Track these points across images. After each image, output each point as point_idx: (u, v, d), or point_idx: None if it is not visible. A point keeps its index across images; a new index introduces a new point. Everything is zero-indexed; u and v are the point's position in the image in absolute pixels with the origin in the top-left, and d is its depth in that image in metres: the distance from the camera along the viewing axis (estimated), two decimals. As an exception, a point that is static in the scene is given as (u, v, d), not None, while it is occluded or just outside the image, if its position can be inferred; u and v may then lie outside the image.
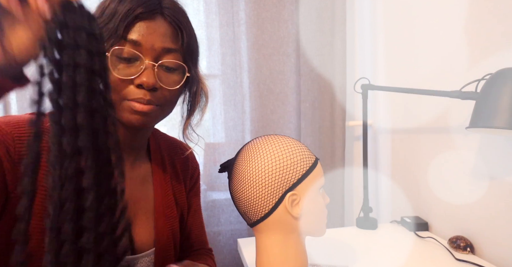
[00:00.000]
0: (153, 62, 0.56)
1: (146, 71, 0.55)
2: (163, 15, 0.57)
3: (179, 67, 0.60)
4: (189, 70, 0.61)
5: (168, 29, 0.57)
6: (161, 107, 0.59)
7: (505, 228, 0.85)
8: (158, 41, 0.56)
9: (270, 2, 1.31)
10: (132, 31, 0.55)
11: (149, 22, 0.56)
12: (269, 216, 0.61)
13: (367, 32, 1.41)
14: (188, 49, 0.60)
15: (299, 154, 0.61)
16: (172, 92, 0.60)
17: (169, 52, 0.57)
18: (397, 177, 1.28)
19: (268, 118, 1.37)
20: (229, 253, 1.39)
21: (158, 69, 0.57)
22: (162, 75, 0.58)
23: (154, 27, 0.56)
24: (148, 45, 0.55)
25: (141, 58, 0.56)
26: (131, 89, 0.56)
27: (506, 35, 0.82)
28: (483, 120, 0.71)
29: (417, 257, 0.92)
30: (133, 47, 0.55)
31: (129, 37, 0.55)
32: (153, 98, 0.57)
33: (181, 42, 0.59)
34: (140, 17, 0.55)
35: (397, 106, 1.26)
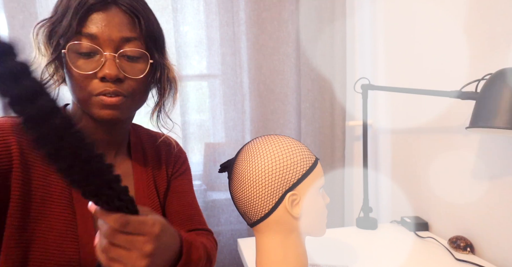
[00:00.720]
0: (113, 53, 0.55)
1: (107, 63, 0.54)
2: (117, 5, 0.56)
3: (142, 55, 0.59)
4: (152, 57, 0.60)
5: (124, 18, 0.56)
6: (130, 98, 0.58)
7: (505, 228, 0.85)
8: (115, 31, 0.55)
9: (270, 2, 1.31)
10: (87, 25, 0.54)
11: (103, 13, 0.55)
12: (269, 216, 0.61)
13: (367, 32, 1.41)
14: (149, 36, 0.59)
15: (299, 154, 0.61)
16: (139, 82, 0.59)
17: (128, 41, 0.56)
18: (397, 177, 1.28)
19: (268, 118, 1.37)
20: (229, 253, 1.39)
21: (120, 59, 0.56)
22: (125, 65, 0.57)
23: (109, 17, 0.55)
24: (105, 36, 0.54)
25: (100, 51, 0.55)
26: (95, 83, 0.55)
27: (506, 35, 0.82)
28: (483, 120, 0.71)
29: (417, 257, 0.92)
30: (90, 40, 0.54)
31: (84, 31, 0.54)
32: (120, 89, 0.56)
33: (140, 30, 0.58)
34: (93, 8, 0.54)
35: (397, 106, 1.26)
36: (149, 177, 0.71)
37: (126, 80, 0.57)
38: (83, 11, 0.53)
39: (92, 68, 0.55)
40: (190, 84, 1.33)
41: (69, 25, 0.53)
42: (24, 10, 1.13)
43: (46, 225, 0.55)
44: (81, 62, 0.55)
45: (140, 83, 0.59)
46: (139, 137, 0.74)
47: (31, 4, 1.13)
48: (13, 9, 1.13)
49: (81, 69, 0.54)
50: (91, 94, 0.55)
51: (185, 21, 1.28)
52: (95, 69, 0.55)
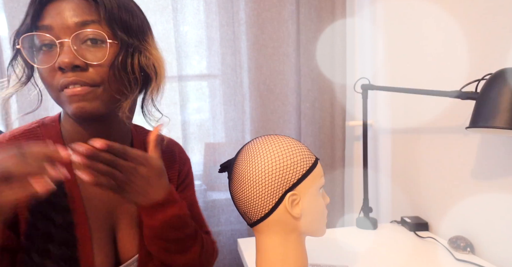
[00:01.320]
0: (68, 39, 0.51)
1: (63, 51, 0.50)
2: None
3: (104, 38, 0.52)
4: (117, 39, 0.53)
5: (80, 3, 0.52)
6: (99, 87, 0.53)
7: (505, 228, 0.85)
8: (68, 17, 0.51)
9: (270, 2, 1.31)
10: (43, 17, 0.51)
11: (57, 2, 0.52)
12: (269, 216, 0.61)
13: (367, 32, 1.41)
14: (113, 18, 0.53)
15: (299, 154, 0.61)
16: (104, 67, 0.52)
17: (85, 25, 0.51)
18: (397, 177, 1.28)
19: (268, 118, 1.37)
20: (229, 253, 1.39)
21: (79, 46, 0.51)
22: (85, 51, 0.52)
23: (62, 5, 0.51)
24: (59, 24, 0.50)
25: (53, 40, 0.51)
26: (58, 75, 0.51)
27: (506, 35, 0.82)
28: (483, 120, 0.71)
29: (417, 257, 0.92)
30: (46, 32, 0.51)
31: (40, 24, 0.51)
32: (82, 78, 0.51)
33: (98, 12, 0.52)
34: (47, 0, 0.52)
35: (397, 106, 1.26)
36: None
37: (90, 68, 0.52)
38: (37, 4, 0.51)
39: (51, 61, 0.51)
40: (190, 84, 1.33)
41: (24, 20, 0.51)
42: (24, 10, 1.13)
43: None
44: (42, 56, 0.52)
45: (106, 68, 0.53)
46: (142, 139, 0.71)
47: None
48: (13, 9, 1.13)
49: (40, 63, 0.51)
50: (56, 89, 0.52)
51: (185, 21, 1.28)
52: (53, 61, 0.51)
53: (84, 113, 0.52)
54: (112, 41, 0.53)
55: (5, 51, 1.15)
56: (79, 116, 0.53)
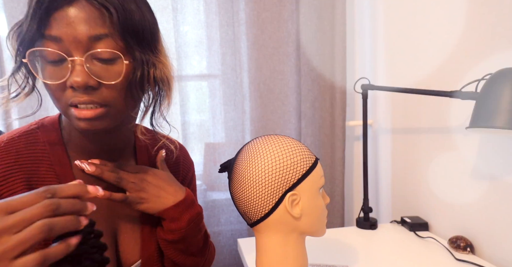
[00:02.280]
0: (81, 57, 0.46)
1: (76, 69, 0.46)
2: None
3: (118, 55, 0.49)
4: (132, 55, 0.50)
5: (92, 12, 0.46)
6: (110, 106, 0.50)
7: (505, 228, 0.85)
8: (80, 30, 0.45)
9: (270, 2, 1.31)
10: (49, 25, 0.45)
11: (66, 10, 0.46)
12: (269, 216, 0.61)
13: (367, 32, 1.41)
14: (126, 31, 0.48)
15: (299, 154, 0.61)
16: (117, 87, 0.49)
17: (98, 39, 0.47)
18: (397, 177, 1.28)
19: (268, 118, 1.37)
20: (229, 253, 1.39)
21: (91, 63, 0.48)
22: (98, 69, 0.48)
23: (73, 14, 0.45)
24: (70, 37, 0.45)
25: (64, 56, 0.46)
26: (68, 93, 0.48)
27: (506, 35, 0.82)
28: (483, 120, 0.71)
29: (417, 257, 0.92)
30: (54, 44, 0.46)
31: (47, 33, 0.46)
32: (94, 98, 0.48)
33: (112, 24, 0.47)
34: (55, 5, 0.45)
35: (397, 106, 1.26)
36: None
37: (101, 87, 0.48)
38: (43, 8, 0.45)
39: (61, 77, 0.47)
40: (190, 84, 1.33)
41: (28, 28, 0.45)
42: (24, 10, 1.13)
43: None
44: (50, 69, 0.47)
45: (119, 88, 0.50)
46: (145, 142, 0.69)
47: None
48: (13, 9, 1.13)
49: (50, 79, 0.47)
50: (66, 105, 0.49)
51: (185, 21, 1.28)
52: (64, 77, 0.47)
53: (93, 131, 0.50)
54: (129, 62, 0.50)
55: (5, 51, 1.15)
56: (86, 132, 0.51)
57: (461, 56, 0.95)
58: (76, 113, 0.48)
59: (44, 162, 0.55)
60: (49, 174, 0.55)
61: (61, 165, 0.57)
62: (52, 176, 0.55)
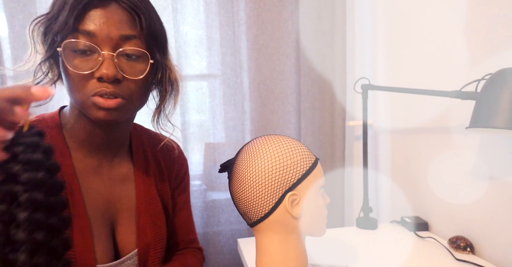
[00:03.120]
0: (112, 52, 0.53)
1: (105, 62, 0.52)
2: (116, 1, 0.53)
3: (142, 55, 0.56)
4: (153, 57, 0.57)
5: (124, 15, 0.53)
6: (128, 100, 0.55)
7: (505, 228, 0.85)
8: (113, 29, 0.52)
9: (270, 2, 1.31)
10: (85, 21, 0.51)
11: (102, 9, 0.52)
12: (269, 216, 0.61)
13: (367, 32, 1.41)
14: (150, 34, 0.56)
15: (299, 154, 0.61)
16: (138, 82, 0.56)
17: (128, 39, 0.54)
18: (397, 177, 1.28)
19: (268, 118, 1.37)
20: (229, 253, 1.39)
21: (118, 59, 0.53)
22: (124, 65, 0.54)
23: (108, 14, 0.52)
24: (104, 34, 0.52)
25: (97, 50, 0.52)
26: (92, 83, 0.53)
27: (506, 35, 0.82)
28: (483, 120, 0.71)
29: (417, 257, 0.92)
30: (87, 38, 0.51)
31: (81, 28, 0.51)
32: (118, 90, 0.53)
33: (140, 28, 0.55)
34: (91, 5, 0.51)
35: (397, 106, 1.26)
36: (151, 181, 0.70)
37: (124, 80, 0.54)
38: (80, 7, 0.50)
39: (89, 68, 0.52)
40: (190, 84, 1.33)
41: (66, 21, 0.50)
42: (24, 10, 1.13)
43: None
44: (78, 60, 0.52)
45: (139, 84, 0.56)
46: (140, 138, 0.72)
47: (31, 4, 1.13)
48: (13, 9, 1.13)
49: (78, 69, 0.52)
50: (87, 94, 0.53)
51: (185, 21, 1.28)
52: (92, 68, 0.52)
53: (109, 121, 0.55)
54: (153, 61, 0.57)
55: (5, 51, 1.15)
56: (101, 122, 0.55)
57: (461, 56, 0.95)
58: (100, 102, 0.52)
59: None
60: None
61: (62, 155, 0.59)
62: None
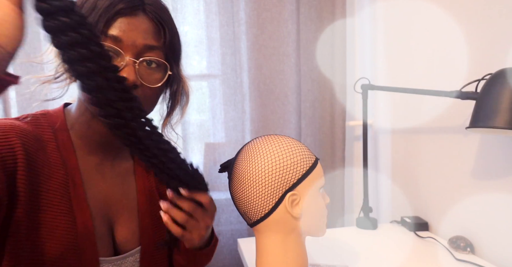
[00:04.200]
0: (134, 59, 0.55)
1: (127, 68, 0.54)
2: (145, 12, 0.56)
3: (161, 65, 0.59)
4: (171, 68, 0.60)
5: (150, 26, 0.56)
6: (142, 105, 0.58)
7: (505, 228, 0.85)
8: (139, 38, 0.55)
9: (270, 2, 1.31)
10: (113, 27, 0.53)
11: (131, 18, 0.54)
12: (269, 216, 0.61)
13: (367, 32, 1.41)
14: (170, 47, 0.59)
15: (299, 154, 0.61)
16: (153, 90, 0.59)
17: (151, 49, 0.56)
18: (397, 177, 1.28)
19: (268, 118, 1.37)
20: (229, 253, 1.39)
21: (139, 66, 0.56)
22: (143, 72, 0.56)
23: (136, 23, 0.55)
24: (129, 41, 0.54)
25: (121, 54, 0.54)
26: None
27: (506, 35, 0.82)
28: (483, 120, 0.71)
29: (417, 257, 0.92)
30: (113, 43, 0.54)
31: (109, 33, 0.53)
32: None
33: (164, 40, 0.58)
34: (121, 12, 0.53)
35: (397, 106, 1.26)
36: (151, 180, 0.71)
37: (141, 87, 0.56)
38: (111, 13, 0.53)
39: None
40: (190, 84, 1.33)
41: (95, 25, 0.52)
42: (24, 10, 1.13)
43: (47, 232, 0.54)
44: None
45: (154, 91, 0.59)
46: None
47: (31, 4, 1.13)
48: (13, 9, 1.13)
49: None
50: None
51: (185, 21, 1.28)
52: None
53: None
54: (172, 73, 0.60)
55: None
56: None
57: (461, 56, 0.95)
58: None
59: (50, 143, 0.58)
60: (55, 154, 0.57)
61: (66, 149, 0.59)
62: (57, 156, 0.57)
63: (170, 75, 0.60)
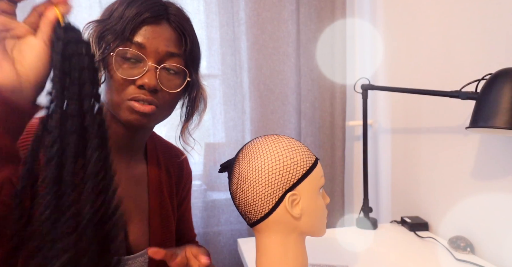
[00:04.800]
0: (156, 65, 0.58)
1: (149, 73, 0.57)
2: (168, 21, 0.59)
3: (181, 72, 0.61)
4: (190, 75, 0.63)
5: (173, 35, 0.59)
6: (160, 109, 0.60)
7: (505, 228, 0.85)
8: (162, 45, 0.58)
9: (270, 2, 1.31)
10: (138, 34, 0.57)
11: (155, 26, 0.58)
12: (269, 216, 0.61)
13: (367, 32, 1.41)
14: (190, 55, 0.62)
15: (299, 154, 0.61)
16: (172, 95, 0.61)
17: (172, 56, 0.59)
18: (397, 177, 1.28)
19: (268, 118, 1.37)
20: (229, 253, 1.39)
21: (160, 72, 0.58)
22: (163, 78, 0.59)
23: (159, 31, 0.58)
24: (153, 48, 0.57)
25: (144, 60, 0.57)
26: (132, 89, 0.57)
27: (506, 35, 0.82)
28: (483, 120, 0.71)
29: (417, 257, 0.92)
30: (138, 49, 0.57)
31: (134, 40, 0.57)
32: (154, 98, 0.58)
33: (184, 48, 0.61)
34: (147, 21, 0.57)
35: (397, 106, 1.26)
36: (162, 185, 0.73)
37: (161, 91, 0.59)
38: (137, 21, 0.56)
39: (134, 74, 0.57)
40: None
41: (122, 32, 0.56)
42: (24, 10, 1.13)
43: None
44: (125, 66, 0.57)
45: (172, 97, 0.62)
46: (154, 144, 0.76)
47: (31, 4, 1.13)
48: (13, 9, 1.13)
49: (123, 73, 0.57)
50: (125, 98, 0.57)
51: (185, 21, 1.28)
52: (137, 75, 0.57)
53: (138, 126, 0.60)
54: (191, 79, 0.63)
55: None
56: (131, 124, 0.59)
57: (461, 56, 0.95)
58: (136, 106, 0.57)
59: None
60: None
61: None
62: None
63: (189, 81, 0.63)
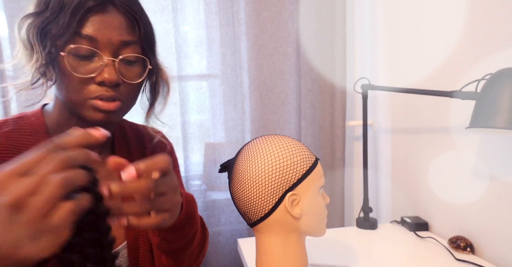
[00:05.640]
0: (113, 58, 0.54)
1: (107, 68, 0.53)
2: (115, 6, 0.54)
3: (139, 59, 0.58)
4: (150, 62, 0.59)
5: (123, 21, 0.55)
6: (125, 102, 0.58)
7: (505, 228, 0.85)
8: (114, 35, 0.53)
9: (270, 2, 1.31)
10: (86, 26, 0.52)
11: (102, 15, 0.53)
12: (269, 216, 0.61)
13: (367, 32, 1.41)
14: (146, 40, 0.58)
15: (299, 154, 0.61)
16: (134, 86, 0.58)
17: (127, 45, 0.55)
18: (397, 177, 1.28)
19: (268, 118, 1.37)
20: (229, 253, 1.39)
21: (118, 64, 0.55)
22: (123, 69, 0.56)
23: (108, 20, 0.53)
24: (105, 39, 0.53)
25: (99, 54, 0.53)
26: (92, 87, 0.54)
27: (506, 35, 0.82)
28: (483, 120, 0.71)
29: (417, 257, 0.92)
30: (89, 43, 0.52)
31: (83, 33, 0.52)
32: (117, 93, 0.55)
33: (139, 33, 0.56)
34: (92, 10, 0.52)
35: (397, 106, 1.26)
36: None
37: (122, 84, 0.56)
38: (82, 12, 0.51)
39: (90, 72, 0.53)
40: (190, 84, 1.33)
41: (67, 26, 0.51)
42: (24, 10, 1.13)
43: None
44: (78, 64, 0.53)
45: (135, 87, 0.59)
46: (124, 131, 0.72)
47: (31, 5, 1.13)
48: (13, 9, 1.13)
49: (79, 72, 0.53)
50: (87, 97, 0.54)
51: (185, 21, 1.28)
52: (94, 73, 0.53)
53: (105, 122, 0.56)
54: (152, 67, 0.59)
55: (5, 51, 1.15)
56: (98, 123, 0.54)
57: (461, 56, 0.95)
58: (100, 105, 0.54)
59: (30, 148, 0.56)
60: None
61: None
62: None
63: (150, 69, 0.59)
